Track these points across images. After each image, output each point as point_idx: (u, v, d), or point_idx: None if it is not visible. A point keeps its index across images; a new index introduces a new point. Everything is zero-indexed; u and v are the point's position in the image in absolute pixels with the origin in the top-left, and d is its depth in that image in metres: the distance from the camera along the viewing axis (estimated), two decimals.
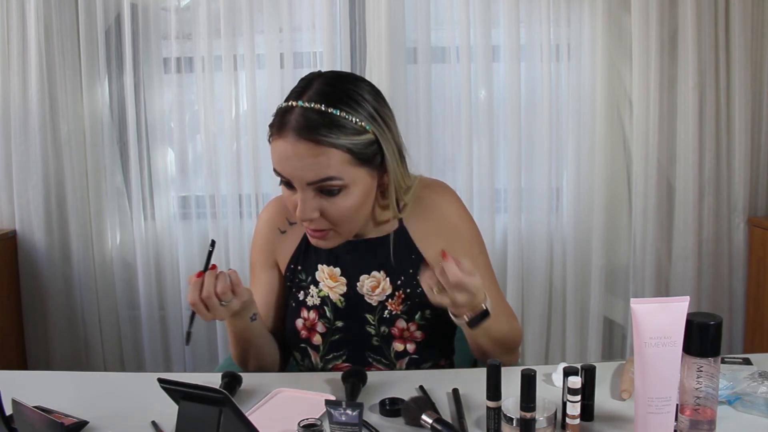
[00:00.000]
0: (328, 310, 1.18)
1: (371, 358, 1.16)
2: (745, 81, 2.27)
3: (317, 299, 1.19)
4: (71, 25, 2.34)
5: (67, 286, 2.45)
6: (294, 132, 1.00)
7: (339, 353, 1.18)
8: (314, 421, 0.84)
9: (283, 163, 1.03)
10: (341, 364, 1.18)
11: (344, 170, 1.02)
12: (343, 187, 1.03)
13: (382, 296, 1.16)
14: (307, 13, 2.35)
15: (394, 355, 1.16)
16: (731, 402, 0.94)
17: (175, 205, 2.48)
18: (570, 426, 0.86)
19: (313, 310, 1.19)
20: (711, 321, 0.80)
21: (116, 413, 0.97)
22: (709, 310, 1.07)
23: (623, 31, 2.33)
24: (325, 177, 1.01)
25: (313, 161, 1.00)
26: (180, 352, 2.52)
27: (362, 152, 1.04)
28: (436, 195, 1.19)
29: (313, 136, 1.00)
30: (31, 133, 2.33)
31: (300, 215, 1.04)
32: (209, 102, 2.36)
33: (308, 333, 1.19)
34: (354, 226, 1.10)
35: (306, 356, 1.20)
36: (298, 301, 1.21)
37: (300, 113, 1.01)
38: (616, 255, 2.44)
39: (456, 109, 2.34)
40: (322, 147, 1.00)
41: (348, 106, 1.02)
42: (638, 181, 2.34)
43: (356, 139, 1.02)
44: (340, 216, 1.05)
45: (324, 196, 1.04)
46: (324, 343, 1.18)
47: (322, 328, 1.18)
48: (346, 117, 1.02)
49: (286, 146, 1.01)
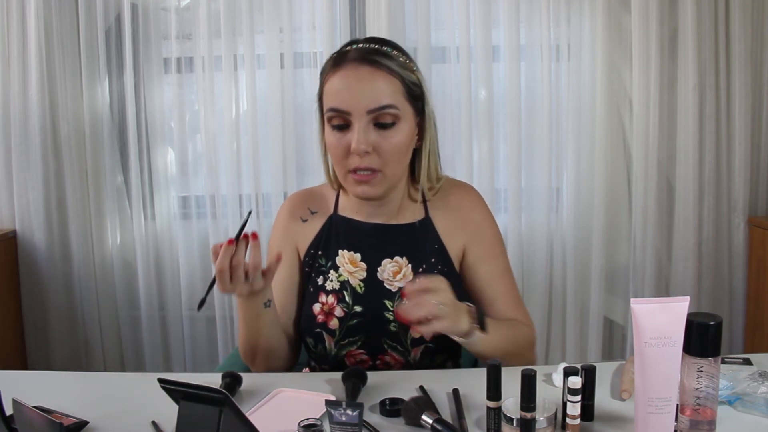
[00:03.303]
0: (347, 295, 1.18)
1: (387, 344, 1.16)
2: (745, 81, 2.27)
3: (336, 284, 1.19)
4: (71, 25, 2.34)
5: (67, 286, 2.45)
6: (354, 60, 1.08)
7: (355, 338, 1.17)
8: (314, 421, 0.84)
9: (344, 93, 1.08)
10: (355, 350, 1.17)
11: (399, 100, 1.09)
12: (396, 120, 1.09)
13: (403, 282, 1.16)
14: (307, 13, 2.35)
15: (410, 342, 1.15)
16: (731, 402, 0.94)
17: (175, 205, 2.48)
18: (570, 426, 0.86)
19: (332, 295, 1.19)
20: (711, 321, 0.80)
21: (116, 413, 0.97)
22: (709, 310, 1.07)
23: (623, 31, 2.33)
24: (385, 104, 1.07)
25: (374, 85, 1.07)
26: (180, 352, 2.52)
27: (412, 88, 1.12)
28: (464, 193, 1.24)
29: (373, 60, 1.08)
30: (31, 133, 2.34)
31: (356, 147, 1.07)
32: (209, 102, 2.36)
33: (325, 317, 1.19)
34: (398, 168, 1.14)
35: (320, 341, 1.19)
36: (317, 286, 1.21)
37: (357, 49, 1.11)
38: (616, 255, 2.45)
39: (456, 109, 2.34)
40: (382, 71, 1.08)
41: (398, 50, 1.14)
42: (638, 181, 2.34)
43: (408, 73, 1.11)
44: (392, 152, 1.09)
45: (378, 130, 1.08)
46: (341, 328, 1.17)
47: (340, 312, 1.18)
48: (398, 54, 1.12)
49: (347, 73, 1.08)
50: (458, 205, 1.21)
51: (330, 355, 1.18)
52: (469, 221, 1.21)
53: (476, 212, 1.22)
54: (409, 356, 1.16)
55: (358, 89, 1.07)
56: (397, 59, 1.11)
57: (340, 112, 1.08)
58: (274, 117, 2.35)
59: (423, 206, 1.21)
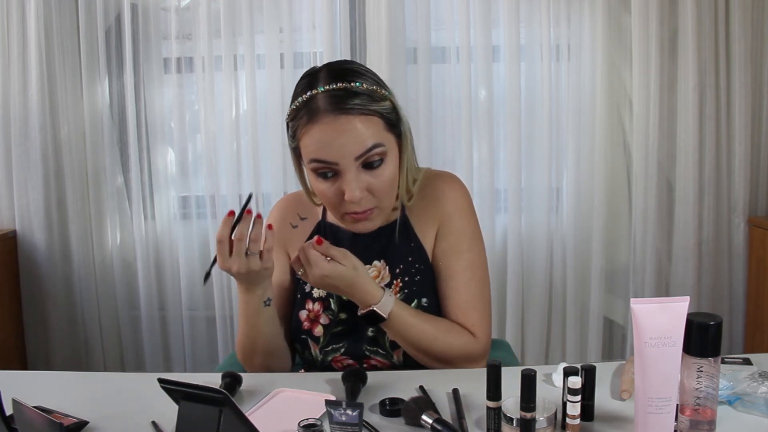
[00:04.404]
0: (333, 302, 1.19)
1: (368, 350, 1.16)
2: (745, 81, 2.27)
3: (323, 291, 1.19)
4: (71, 25, 2.34)
5: (67, 286, 2.45)
6: (328, 112, 1.02)
7: (338, 345, 1.17)
8: (314, 421, 0.84)
9: (326, 147, 1.03)
10: (340, 356, 1.17)
11: (382, 136, 1.05)
12: (383, 157, 1.05)
13: (381, 285, 1.15)
14: (307, 13, 2.35)
15: (389, 345, 1.15)
16: (731, 402, 0.94)
17: (175, 205, 2.48)
18: (570, 426, 0.86)
19: (318, 302, 1.19)
20: (711, 321, 0.80)
21: (116, 413, 0.97)
22: (709, 310, 1.07)
23: (623, 31, 2.33)
24: (371, 146, 1.03)
25: (356, 133, 1.02)
26: (180, 352, 2.52)
27: (390, 117, 1.07)
28: (440, 182, 1.20)
29: (348, 108, 1.02)
30: (31, 133, 2.34)
31: (351, 196, 1.04)
32: (209, 102, 2.36)
33: (311, 324, 1.19)
34: (392, 199, 1.12)
35: (306, 348, 1.20)
36: (304, 293, 1.21)
37: (325, 95, 1.03)
38: (616, 255, 2.45)
39: (456, 109, 2.34)
40: (360, 116, 1.03)
41: (362, 79, 1.06)
42: (638, 181, 2.34)
43: (382, 104, 1.06)
44: (384, 187, 1.07)
45: (368, 171, 1.05)
46: (325, 335, 1.18)
47: (326, 319, 1.18)
48: (367, 87, 1.05)
49: (324, 128, 1.02)
50: (432, 197, 1.18)
51: (316, 362, 1.19)
52: (439, 211, 1.17)
53: (448, 203, 1.17)
54: (392, 359, 1.16)
55: (341, 141, 1.02)
56: (368, 91, 1.04)
57: (327, 163, 1.04)
58: (274, 117, 2.35)
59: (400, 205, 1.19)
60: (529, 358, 2.43)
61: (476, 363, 1.13)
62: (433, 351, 1.11)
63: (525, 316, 2.43)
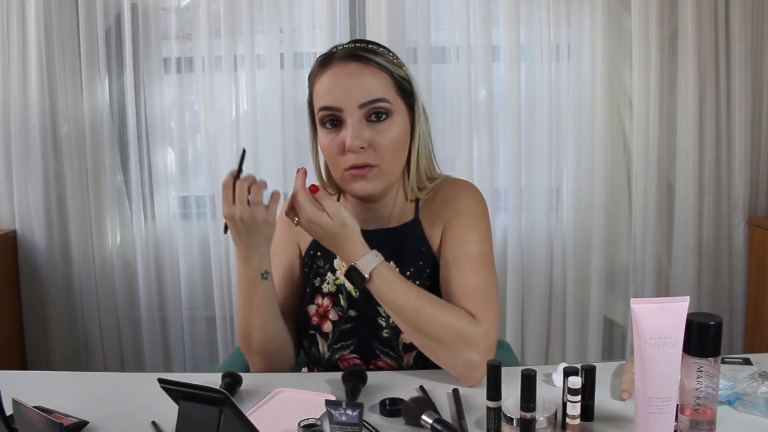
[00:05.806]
0: (343, 299, 1.18)
1: (379, 350, 1.15)
2: (745, 81, 2.27)
3: (333, 287, 1.19)
4: (71, 25, 2.35)
5: (67, 286, 2.45)
6: (342, 58, 1.08)
7: (347, 343, 1.17)
8: (314, 421, 0.84)
9: (334, 90, 1.07)
10: (348, 354, 1.17)
11: (390, 94, 1.09)
12: (389, 114, 1.08)
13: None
14: (307, 13, 2.35)
15: (402, 348, 1.15)
16: (731, 402, 0.94)
17: (175, 205, 2.48)
18: (570, 426, 0.86)
19: (327, 297, 1.19)
20: (711, 321, 0.80)
21: (116, 413, 0.97)
22: (709, 310, 1.07)
23: (623, 31, 2.33)
24: (376, 98, 1.07)
25: (364, 80, 1.07)
26: (180, 352, 2.52)
27: (402, 83, 1.12)
28: (455, 186, 1.19)
29: (361, 56, 1.08)
30: (31, 133, 2.34)
31: (351, 144, 1.05)
32: (209, 102, 2.36)
33: (320, 320, 1.18)
34: (395, 164, 1.12)
35: (314, 344, 1.18)
36: (314, 288, 1.21)
37: (344, 48, 1.11)
38: (616, 255, 2.45)
39: (456, 109, 2.34)
40: (371, 66, 1.08)
41: (383, 47, 1.14)
42: (638, 181, 2.34)
43: (397, 69, 1.11)
44: (387, 146, 1.08)
45: (372, 125, 1.08)
46: (334, 331, 1.17)
47: (335, 315, 1.18)
48: (386, 51, 1.13)
49: (335, 71, 1.07)
50: (445, 198, 1.17)
51: (323, 359, 1.18)
52: (449, 211, 1.15)
53: (459, 202, 1.16)
54: (402, 361, 1.15)
55: (348, 85, 1.06)
56: (385, 55, 1.11)
57: (332, 109, 1.07)
58: (274, 117, 2.35)
59: (414, 207, 1.19)
60: (529, 358, 2.43)
61: (478, 350, 1.02)
62: (425, 326, 1.03)
63: (525, 316, 2.43)
